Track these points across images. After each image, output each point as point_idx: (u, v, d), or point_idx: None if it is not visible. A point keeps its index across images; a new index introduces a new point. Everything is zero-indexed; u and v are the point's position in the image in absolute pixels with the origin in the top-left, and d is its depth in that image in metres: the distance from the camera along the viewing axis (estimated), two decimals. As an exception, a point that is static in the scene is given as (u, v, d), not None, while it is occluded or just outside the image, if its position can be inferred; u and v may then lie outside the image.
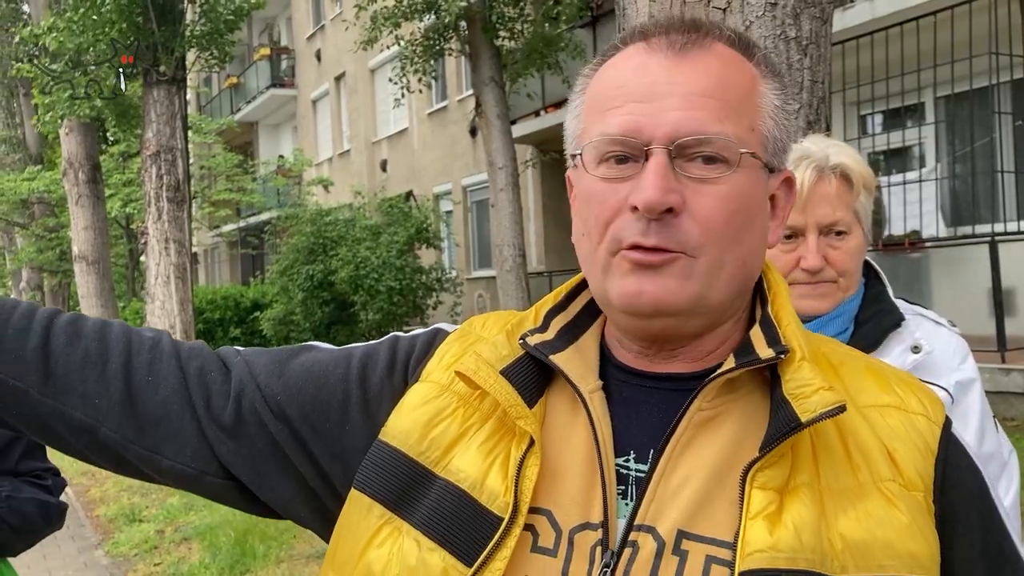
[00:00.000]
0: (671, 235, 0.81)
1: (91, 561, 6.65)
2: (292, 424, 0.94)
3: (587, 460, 0.84)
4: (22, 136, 22.59)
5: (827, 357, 0.90)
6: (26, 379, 0.92)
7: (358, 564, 0.86)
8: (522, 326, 0.93)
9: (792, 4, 2.22)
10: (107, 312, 13.19)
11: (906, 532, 0.79)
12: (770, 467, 0.79)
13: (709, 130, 0.82)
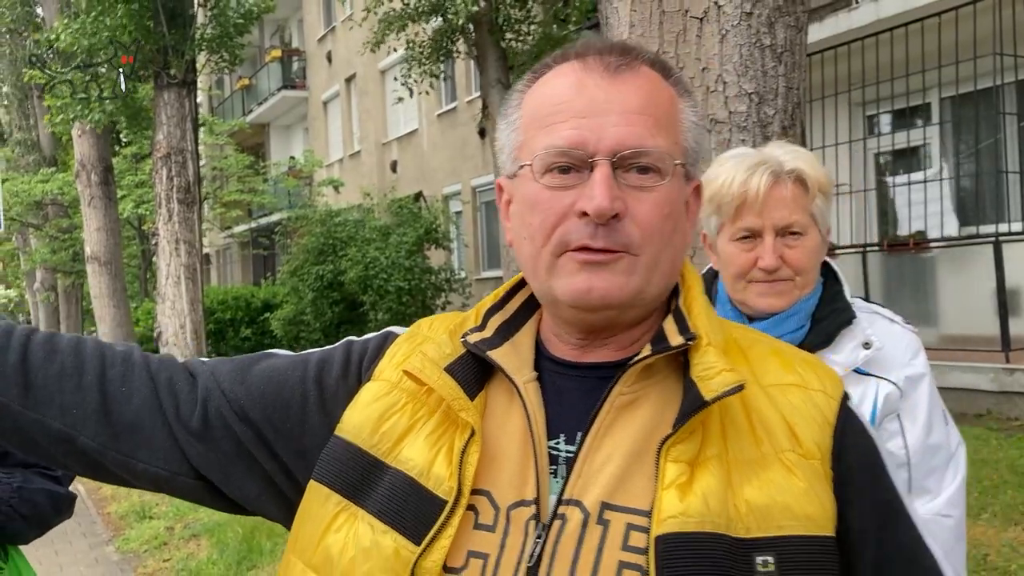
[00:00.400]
0: (616, 237, 0.90)
1: (102, 557, 6.76)
2: (255, 425, 1.02)
3: (522, 444, 0.92)
4: (36, 138, 22.79)
5: (737, 342, 0.99)
6: (7, 393, 0.99)
7: (317, 548, 0.94)
8: (464, 326, 1.01)
9: (767, 13, 2.29)
10: (120, 311, 13.31)
11: (803, 496, 0.87)
12: (681, 442, 0.87)
13: (647, 144, 0.91)
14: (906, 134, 9.76)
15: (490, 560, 0.88)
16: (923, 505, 1.57)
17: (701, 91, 2.34)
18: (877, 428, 1.58)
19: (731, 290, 1.68)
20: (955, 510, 1.59)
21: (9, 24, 18.67)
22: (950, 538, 1.57)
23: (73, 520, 7.69)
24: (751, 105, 2.32)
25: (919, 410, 1.60)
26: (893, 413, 1.60)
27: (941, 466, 1.60)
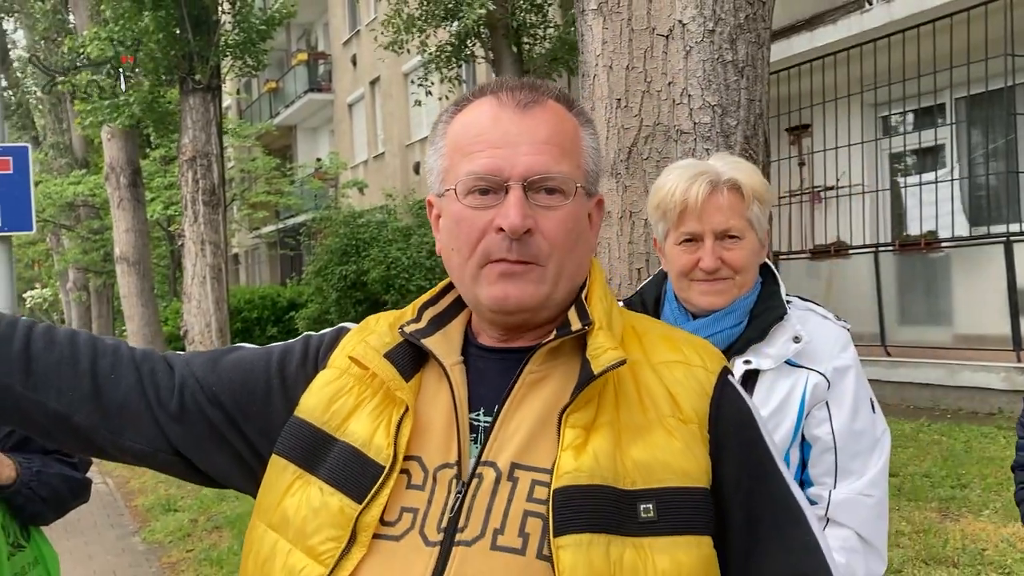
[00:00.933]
0: (527, 250, 1.06)
1: (129, 547, 6.96)
2: (225, 409, 1.18)
3: (448, 417, 1.08)
4: (68, 141, 23.22)
5: (635, 328, 1.16)
6: (11, 376, 1.14)
7: (276, 510, 1.11)
8: (402, 319, 1.18)
9: (728, 31, 2.43)
10: (148, 310, 13.57)
11: (680, 455, 1.04)
12: (579, 410, 1.03)
13: (552, 170, 1.07)
14: (919, 135, 9.80)
15: (419, 513, 1.04)
16: (847, 486, 1.71)
17: (668, 103, 2.50)
18: (807, 415, 1.73)
19: (676, 289, 1.83)
20: (876, 490, 1.72)
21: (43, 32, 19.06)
22: (871, 515, 1.70)
23: (102, 512, 7.93)
24: (714, 117, 2.47)
25: (845, 399, 1.73)
26: (822, 401, 1.73)
27: (865, 450, 1.73)
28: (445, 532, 1.02)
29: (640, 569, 0.98)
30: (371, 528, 1.03)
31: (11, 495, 2.08)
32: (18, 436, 2.16)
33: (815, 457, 1.74)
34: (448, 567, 0.99)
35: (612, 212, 2.65)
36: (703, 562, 1.01)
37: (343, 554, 1.02)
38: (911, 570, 4.54)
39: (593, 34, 2.59)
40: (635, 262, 2.61)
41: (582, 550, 0.97)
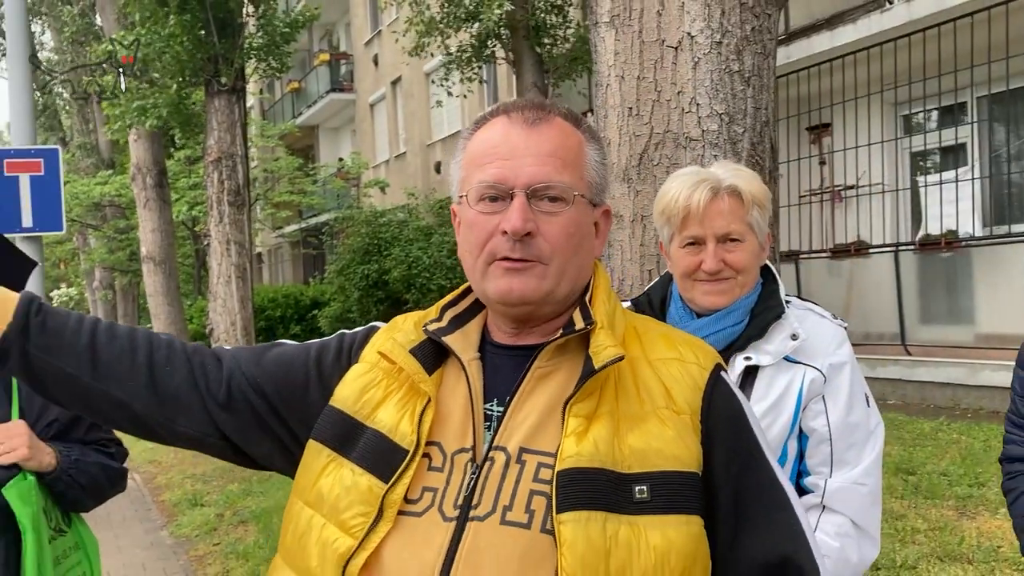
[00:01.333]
0: (529, 250, 1.17)
1: (157, 541, 7.12)
2: (268, 398, 1.30)
3: (465, 407, 1.20)
4: (95, 142, 23.55)
5: (635, 328, 1.28)
6: (80, 368, 1.28)
7: (312, 489, 1.22)
8: (426, 318, 1.30)
9: (735, 43, 2.52)
10: (173, 309, 13.77)
11: (672, 442, 1.14)
12: (581, 401, 1.14)
13: (553, 179, 1.18)
14: (939, 134, 9.79)
15: (438, 492, 1.15)
16: (842, 475, 1.79)
17: (677, 112, 2.59)
18: (804, 408, 1.81)
19: (681, 289, 1.92)
20: (870, 479, 1.80)
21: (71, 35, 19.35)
22: (865, 503, 1.79)
23: (130, 507, 8.08)
24: (722, 124, 2.56)
25: (841, 393, 1.81)
26: (818, 395, 1.81)
27: (860, 442, 1.82)
28: (461, 509, 1.13)
29: (634, 543, 1.08)
30: (396, 505, 1.15)
31: (52, 481, 2.16)
32: (58, 426, 2.25)
33: (812, 448, 1.82)
34: (463, 539, 1.11)
35: (624, 216, 2.75)
36: (691, 539, 1.11)
37: (371, 528, 1.14)
38: (926, 566, 4.58)
39: (605, 45, 2.68)
40: (646, 263, 2.70)
41: (581, 525, 1.07)
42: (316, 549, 1.18)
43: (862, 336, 9.66)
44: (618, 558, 1.07)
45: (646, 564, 1.08)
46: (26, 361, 1.27)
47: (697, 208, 1.82)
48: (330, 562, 1.15)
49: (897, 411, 8.62)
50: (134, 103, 10.94)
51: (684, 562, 1.10)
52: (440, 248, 14.47)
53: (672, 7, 2.55)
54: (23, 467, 2.11)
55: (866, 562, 1.79)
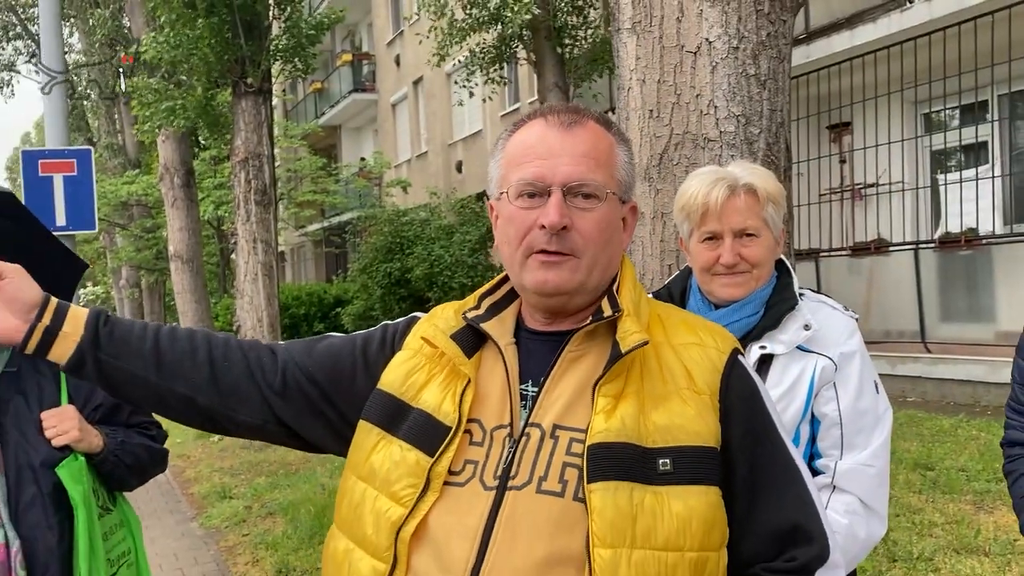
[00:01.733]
0: (565, 243, 1.28)
1: (187, 532, 7.26)
2: (320, 385, 1.43)
3: (503, 387, 1.31)
4: (122, 143, 23.85)
5: (659, 315, 1.38)
6: (147, 369, 1.41)
7: (365, 464, 1.35)
8: (465, 306, 1.42)
9: (751, 48, 2.63)
10: (200, 306, 13.94)
11: (693, 419, 1.25)
12: (609, 382, 1.25)
13: (587, 178, 1.29)
14: (959, 132, 9.79)
15: (479, 464, 1.27)
16: (852, 457, 1.90)
17: (696, 114, 2.71)
18: (816, 395, 1.91)
19: (700, 282, 2.03)
20: (878, 461, 1.90)
21: (101, 37, 19.62)
22: (873, 483, 1.89)
23: (161, 500, 8.26)
24: (739, 126, 2.67)
25: (851, 380, 1.92)
26: (829, 382, 1.91)
27: (868, 427, 1.91)
28: (500, 479, 1.25)
29: (658, 510, 1.19)
30: (441, 477, 1.27)
31: (100, 462, 2.26)
32: (103, 411, 2.34)
33: (823, 432, 1.92)
34: (502, 506, 1.23)
35: (645, 213, 2.86)
36: (710, 507, 1.22)
37: (419, 497, 1.26)
38: (942, 558, 4.65)
39: (628, 51, 2.81)
40: (666, 258, 2.82)
41: (610, 494, 1.18)
42: (371, 518, 1.30)
43: (882, 334, 9.70)
44: (643, 523, 1.18)
45: (669, 529, 1.19)
46: (99, 368, 1.41)
47: (715, 205, 1.93)
48: (384, 529, 1.27)
49: (916, 408, 8.65)
50: (164, 104, 11.12)
51: (704, 527, 1.20)
52: (461, 246, 14.55)
53: (691, 14, 2.67)
54: (74, 448, 2.21)
55: (874, 538, 1.90)
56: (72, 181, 7.17)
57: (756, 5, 2.64)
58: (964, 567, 4.49)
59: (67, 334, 1.40)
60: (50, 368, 2.32)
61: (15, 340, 1.40)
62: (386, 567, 1.26)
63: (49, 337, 1.40)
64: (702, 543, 1.21)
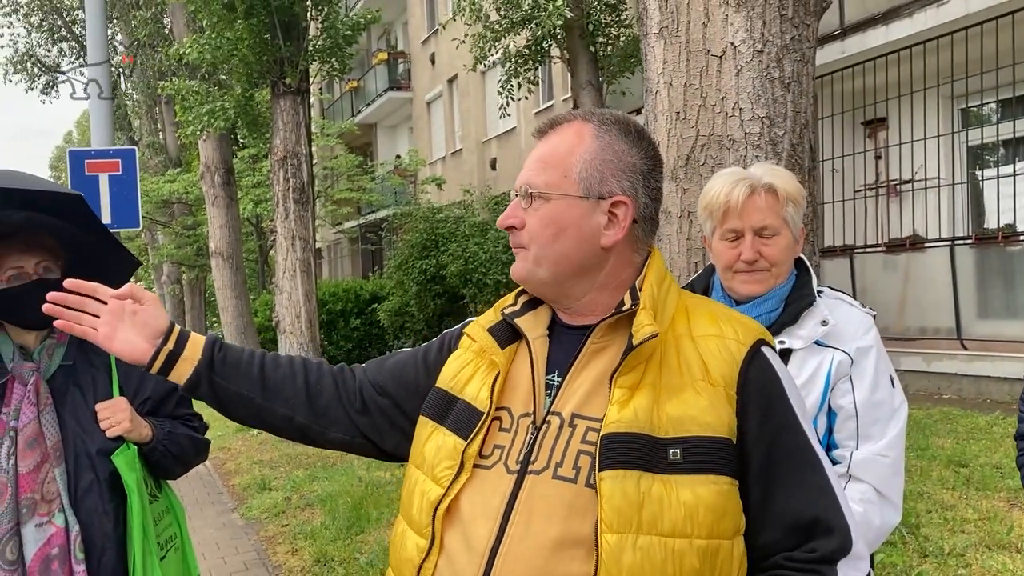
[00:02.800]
0: (515, 240, 1.43)
1: (228, 522, 7.41)
2: (391, 396, 1.59)
3: (529, 377, 1.41)
4: (163, 142, 24.24)
5: (687, 306, 1.44)
6: (253, 391, 1.59)
7: (420, 453, 1.47)
8: (504, 303, 1.53)
9: (776, 51, 2.69)
10: (240, 302, 14.13)
11: (705, 411, 1.30)
12: (626, 374, 1.32)
13: (532, 180, 1.41)
14: (997, 127, 9.69)
15: (505, 449, 1.37)
16: (867, 448, 1.96)
17: (721, 116, 2.78)
18: (832, 388, 1.98)
19: (722, 279, 2.11)
20: (892, 452, 1.96)
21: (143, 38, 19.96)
22: (888, 472, 1.95)
23: (203, 491, 8.44)
24: (763, 127, 2.74)
25: (867, 374, 1.98)
26: (846, 376, 1.98)
27: (884, 418, 1.97)
28: (521, 464, 1.34)
29: (665, 499, 1.25)
30: (472, 458, 1.38)
31: (148, 451, 2.37)
32: (151, 403, 2.45)
33: (839, 424, 1.99)
34: (521, 490, 1.32)
35: (672, 212, 2.94)
36: (718, 495, 1.27)
37: (455, 478, 1.37)
38: (974, 554, 4.65)
39: (655, 55, 2.88)
40: (693, 256, 2.89)
41: (618, 482, 1.25)
42: (417, 499, 1.42)
43: (918, 330, 9.64)
44: (650, 511, 1.24)
45: (676, 516, 1.24)
46: (213, 388, 1.58)
47: (736, 203, 2.01)
48: (424, 508, 1.39)
49: (952, 405, 8.60)
50: (205, 107, 11.32)
51: (712, 516, 1.25)
52: (496, 243, 14.56)
53: (717, 19, 2.74)
54: (125, 438, 2.32)
55: (888, 526, 1.96)
56: (117, 180, 7.36)
57: (780, 10, 2.71)
58: (995, 563, 4.49)
59: (187, 358, 1.58)
60: (103, 362, 2.45)
61: (141, 361, 1.58)
62: (426, 543, 1.37)
63: (172, 360, 1.58)
64: (711, 531, 1.25)
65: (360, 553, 5.83)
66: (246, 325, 14.14)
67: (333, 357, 17.38)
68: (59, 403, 2.32)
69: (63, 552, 2.25)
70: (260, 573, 6.01)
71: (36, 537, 2.22)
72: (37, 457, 2.25)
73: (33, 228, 2.31)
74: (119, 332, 1.58)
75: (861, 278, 10.36)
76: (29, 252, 2.29)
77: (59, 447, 2.28)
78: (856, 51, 10.22)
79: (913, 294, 9.84)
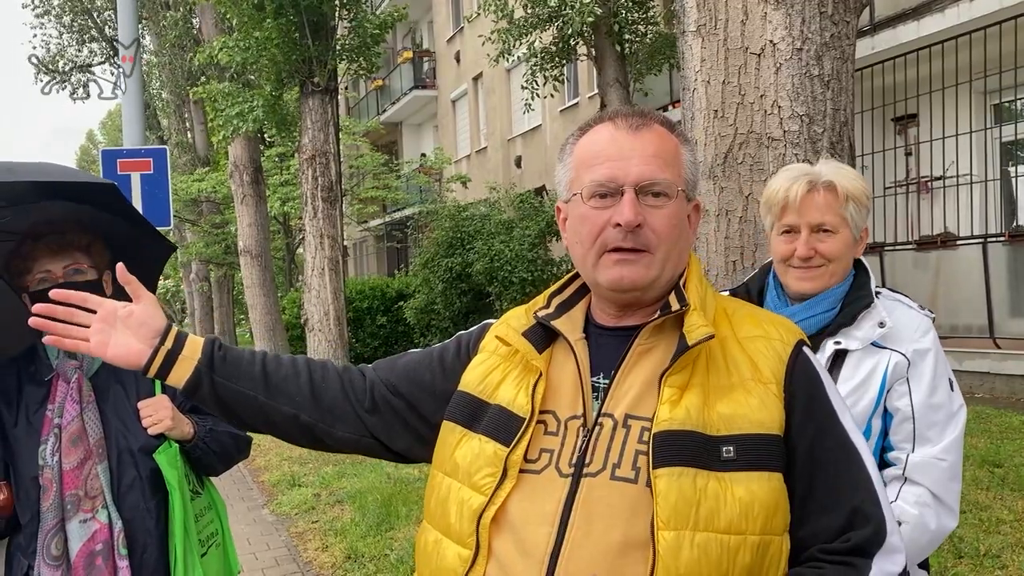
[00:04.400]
0: (639, 240, 1.35)
1: (259, 518, 7.47)
2: (404, 396, 1.56)
3: (575, 380, 1.39)
4: (191, 140, 24.44)
5: (725, 309, 1.44)
6: (256, 389, 1.55)
7: (449, 460, 1.44)
8: (536, 306, 1.51)
9: (815, 49, 2.67)
10: (269, 300, 14.24)
11: (756, 409, 1.31)
12: (675, 374, 1.32)
13: (657, 176, 1.36)
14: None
15: (554, 453, 1.34)
16: (923, 450, 1.93)
17: (760, 114, 2.76)
18: (889, 389, 1.96)
19: (778, 273, 2.09)
20: (950, 455, 1.93)
21: (173, 40, 20.13)
22: (945, 476, 1.92)
23: (233, 487, 8.51)
24: (802, 125, 2.72)
25: (924, 376, 1.95)
26: (903, 378, 1.95)
27: (941, 422, 1.94)
28: (575, 467, 1.33)
29: (721, 495, 1.26)
30: (517, 465, 1.35)
31: (190, 448, 2.40)
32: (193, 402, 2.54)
33: (895, 426, 1.96)
34: (578, 492, 1.31)
35: (710, 211, 2.93)
36: (772, 492, 1.28)
37: (498, 486, 1.35)
38: (1010, 555, 4.61)
39: (693, 53, 2.87)
40: (730, 255, 2.87)
41: (674, 479, 1.25)
42: (454, 508, 1.39)
43: (949, 328, 9.53)
44: (706, 507, 1.24)
45: (732, 513, 1.24)
46: (214, 388, 1.54)
47: (794, 199, 2.00)
48: (466, 517, 1.35)
49: (985, 404, 8.50)
50: (234, 109, 11.39)
51: (766, 512, 1.26)
52: (521, 241, 14.57)
53: (755, 17, 2.73)
54: (167, 436, 2.35)
55: (944, 530, 1.92)
56: (149, 179, 7.45)
57: (820, 7, 2.69)
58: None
59: (186, 357, 1.54)
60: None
61: (138, 364, 1.53)
62: (469, 553, 1.34)
63: (170, 360, 1.53)
64: (764, 527, 1.26)
65: (390, 550, 5.86)
66: (274, 323, 14.23)
67: (360, 355, 17.46)
68: (102, 400, 2.34)
69: (107, 548, 2.28)
70: (291, 569, 6.06)
71: (80, 533, 2.26)
72: (81, 454, 2.28)
73: (68, 220, 2.34)
74: (112, 338, 1.54)
75: (891, 276, 10.25)
76: (59, 254, 2.30)
77: (102, 444, 2.31)
78: (886, 47, 10.12)
79: (944, 292, 9.73)
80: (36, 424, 2.31)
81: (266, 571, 6.04)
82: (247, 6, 10.54)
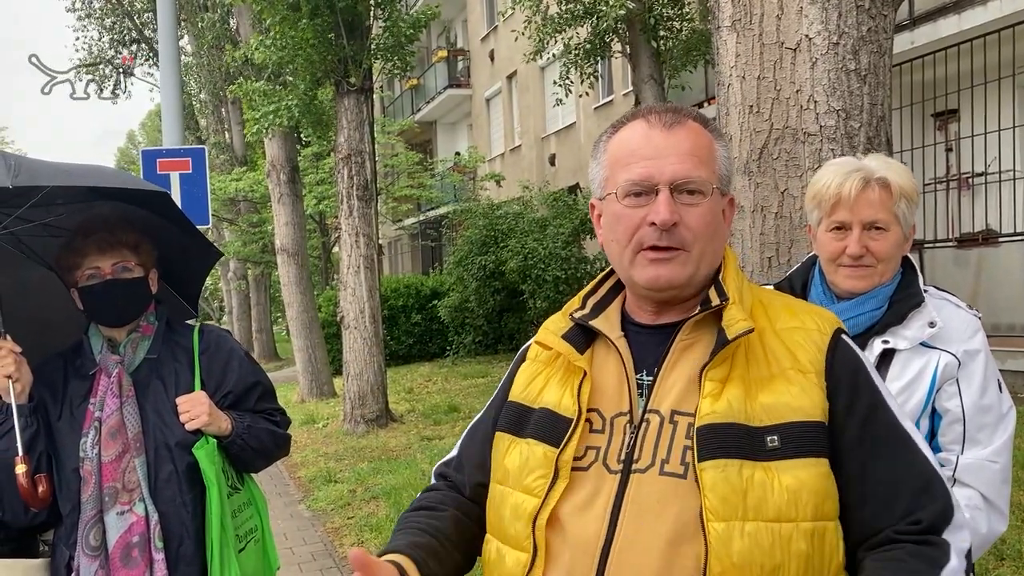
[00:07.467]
0: (675, 238, 1.34)
1: (296, 513, 7.59)
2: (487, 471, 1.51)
3: (619, 378, 1.39)
4: (229, 140, 24.73)
5: (762, 301, 1.44)
6: None
7: (500, 468, 1.46)
8: (571, 308, 1.51)
9: (852, 43, 2.64)
10: (305, 298, 14.37)
11: (797, 397, 1.30)
12: (715, 368, 1.32)
13: (692, 175, 1.35)
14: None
15: (601, 450, 1.36)
16: (974, 453, 1.89)
17: (795, 109, 2.73)
18: (938, 390, 1.92)
19: (826, 271, 2.05)
20: (1001, 458, 1.89)
21: (210, 41, 20.38)
22: (996, 479, 1.88)
23: (270, 483, 8.61)
24: (839, 120, 2.68)
25: (974, 377, 1.91)
26: (952, 378, 1.92)
27: (991, 423, 1.90)
28: (623, 463, 1.34)
29: (768, 484, 1.26)
30: (568, 464, 1.36)
31: (228, 444, 2.42)
32: (232, 397, 2.50)
33: (945, 427, 1.92)
34: (628, 488, 1.32)
35: (745, 206, 2.90)
36: (819, 478, 1.28)
37: (551, 486, 1.36)
38: (1045, 555, 4.54)
39: (728, 48, 2.85)
40: (766, 251, 2.85)
41: (720, 471, 1.26)
42: (508, 512, 1.41)
43: (990, 327, 9.36)
44: (754, 496, 1.25)
45: (780, 501, 1.25)
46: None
47: (848, 196, 1.96)
48: (521, 520, 1.37)
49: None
50: (270, 106, 11.50)
51: (815, 499, 1.26)
52: (555, 239, 14.58)
53: (791, 11, 2.70)
54: (205, 431, 2.37)
55: (995, 534, 1.89)
56: (188, 179, 7.55)
57: (857, 1, 2.66)
58: (1076, 567, 4.37)
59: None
60: (186, 356, 2.51)
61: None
62: (527, 556, 1.35)
63: None
64: (815, 513, 1.26)
65: (425, 546, 5.88)
66: (311, 320, 14.37)
67: (394, 352, 17.58)
68: (141, 395, 2.38)
69: (143, 540, 2.31)
70: (327, 564, 6.12)
71: (118, 525, 2.30)
72: (119, 447, 2.32)
73: (118, 218, 2.38)
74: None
75: (930, 274, 10.09)
76: (108, 251, 2.34)
77: (140, 438, 2.34)
78: (926, 41, 9.96)
79: (986, 290, 9.57)
80: (79, 417, 2.36)
81: (303, 566, 6.11)
82: (282, 6, 10.62)
